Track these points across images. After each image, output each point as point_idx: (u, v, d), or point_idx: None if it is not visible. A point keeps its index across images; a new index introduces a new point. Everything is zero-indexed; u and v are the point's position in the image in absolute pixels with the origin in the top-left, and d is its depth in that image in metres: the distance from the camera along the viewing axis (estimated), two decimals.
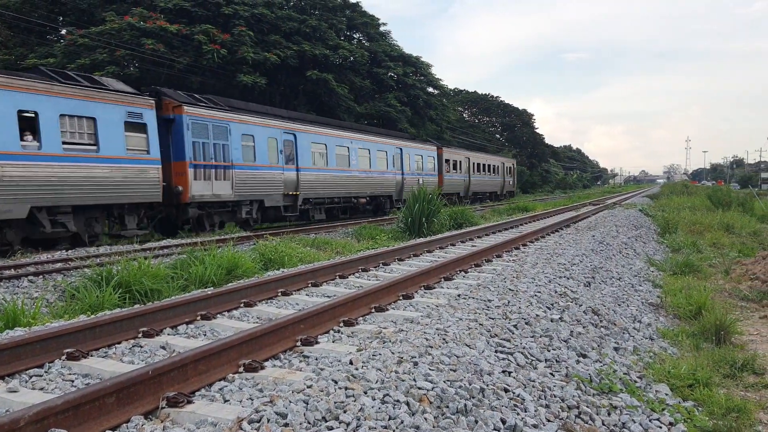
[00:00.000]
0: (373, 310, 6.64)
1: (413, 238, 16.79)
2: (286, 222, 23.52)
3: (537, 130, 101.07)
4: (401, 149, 31.87)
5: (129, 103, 16.48)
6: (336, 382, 4.03)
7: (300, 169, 22.97)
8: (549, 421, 4.17)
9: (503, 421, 3.91)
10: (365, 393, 3.86)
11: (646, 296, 9.38)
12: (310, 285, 8.35)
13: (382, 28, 43.12)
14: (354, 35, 42.19)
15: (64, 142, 14.63)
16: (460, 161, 41.91)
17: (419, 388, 3.99)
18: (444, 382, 4.17)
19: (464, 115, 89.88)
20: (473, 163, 44.51)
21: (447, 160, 39.06)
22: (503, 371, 4.76)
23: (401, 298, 7.34)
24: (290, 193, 22.55)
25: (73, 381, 4.62)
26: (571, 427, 4.17)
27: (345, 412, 3.58)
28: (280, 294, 7.66)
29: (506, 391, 4.40)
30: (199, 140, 18.44)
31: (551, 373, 5.01)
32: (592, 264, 10.68)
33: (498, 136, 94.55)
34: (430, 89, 47.74)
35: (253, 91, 32.02)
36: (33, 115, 13.86)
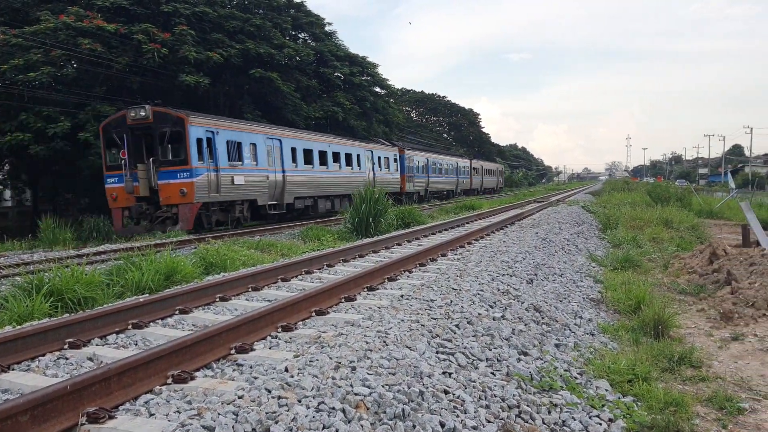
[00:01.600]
0: (313, 314, 6.49)
1: (360, 238, 16.67)
2: (424, 202, 42.78)
3: (483, 130, 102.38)
4: (457, 162, 56.43)
5: (393, 150, 39.12)
6: (269, 391, 3.89)
7: (429, 176, 46.55)
8: (489, 422, 4.12)
9: (442, 424, 3.84)
10: (299, 401, 3.73)
11: (588, 292, 9.48)
12: (250, 289, 8.14)
13: (327, 28, 42.80)
14: (299, 35, 41.76)
15: (379, 168, 35.77)
16: (478, 168, 64.59)
17: (356, 394, 3.88)
18: (382, 386, 4.07)
19: (412, 114, 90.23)
20: (484, 169, 68.54)
21: (474, 168, 62.19)
22: (444, 372, 4.69)
23: (343, 300, 7.21)
24: (425, 188, 46.00)
25: None
26: (511, 427, 4.13)
27: (277, 422, 3.45)
28: (218, 299, 7.43)
29: (446, 392, 4.33)
30: (408, 164, 40.28)
31: (492, 373, 4.98)
32: (534, 261, 10.76)
33: (445, 135, 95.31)
34: (377, 89, 47.70)
35: (196, 92, 31.38)
36: (380, 158, 36.16)
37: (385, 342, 5.06)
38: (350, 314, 6.64)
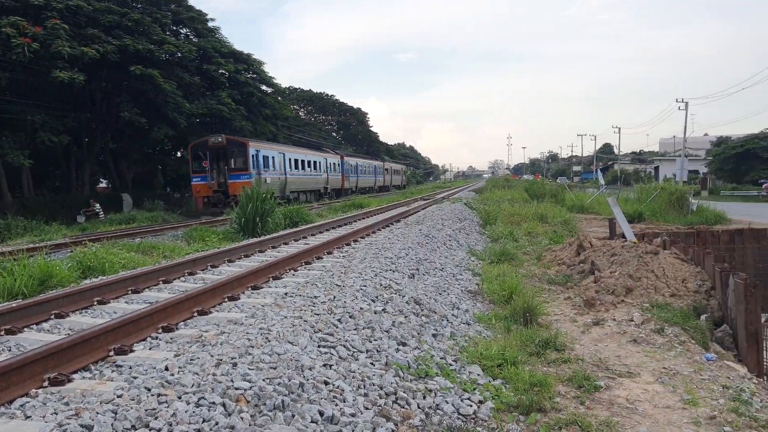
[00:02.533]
0: (195, 314, 6.49)
1: (246, 238, 16.55)
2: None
3: (372, 128, 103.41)
4: (375, 165, 71.13)
5: (337, 157, 52.67)
6: (149, 390, 3.93)
7: (359, 176, 59.87)
8: (367, 408, 4.33)
9: (321, 413, 4.01)
10: (179, 398, 3.80)
11: (466, 284, 9.93)
12: (130, 292, 7.98)
13: (210, 24, 41.87)
14: (181, 30, 40.62)
15: (330, 170, 49.24)
16: (389, 168, 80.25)
17: (237, 389, 3.99)
18: (263, 380, 4.20)
19: (300, 113, 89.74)
20: (393, 169, 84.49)
21: (386, 168, 77.20)
22: (325, 365, 4.86)
23: (227, 299, 7.25)
24: (356, 185, 58.36)
25: None
26: (387, 412, 4.37)
27: (156, 418, 3.51)
28: (96, 303, 7.26)
29: (326, 383, 4.51)
30: (347, 167, 54.34)
31: (372, 363, 5.20)
32: (417, 257, 11.14)
33: (334, 134, 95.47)
34: (264, 87, 47.14)
35: (71, 88, 29.89)
36: (330, 163, 49.88)
37: (267, 338, 5.18)
38: (233, 313, 6.70)
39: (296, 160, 40.41)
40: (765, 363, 7.86)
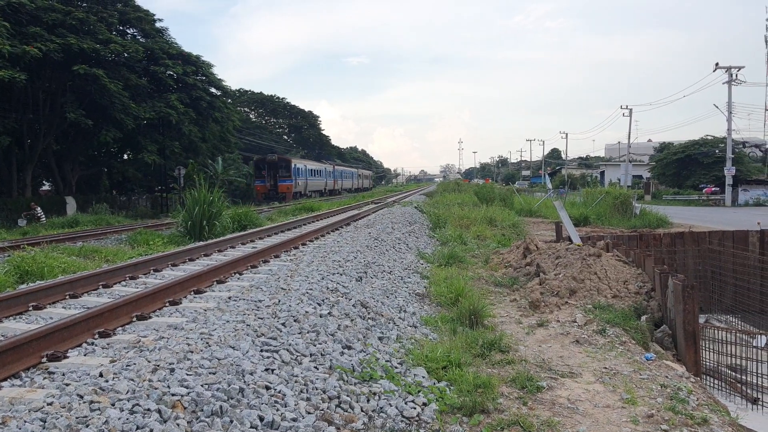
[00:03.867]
0: (134, 319, 6.32)
1: (193, 241, 16.24)
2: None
3: (323, 132, 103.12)
4: (353, 171, 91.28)
5: (331, 166, 73.66)
6: (81, 397, 3.80)
7: (343, 180, 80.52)
8: (309, 413, 4.28)
9: (261, 418, 3.94)
10: (113, 405, 3.69)
11: (414, 287, 9.94)
12: (68, 297, 7.72)
13: (158, 24, 41.09)
14: (128, 30, 39.76)
15: (328, 176, 70.80)
16: (361, 174, 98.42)
17: (173, 395, 3.89)
18: (201, 386, 4.10)
19: (251, 116, 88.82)
20: (364, 175, 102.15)
21: (359, 174, 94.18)
22: (266, 369, 4.79)
23: (168, 304, 7.08)
24: (341, 186, 77.21)
25: None
26: (330, 416, 4.32)
27: (87, 426, 3.40)
28: (32, 308, 7.00)
29: (268, 388, 4.44)
30: (336, 172, 75.35)
31: (315, 367, 5.14)
32: (365, 260, 11.11)
33: (285, 137, 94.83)
34: (213, 90, 46.39)
35: (12, 88, 28.94)
36: (328, 171, 72.31)
37: (207, 343, 5.08)
38: (174, 318, 6.54)
39: (312, 170, 60.84)
40: (703, 362, 8.08)
